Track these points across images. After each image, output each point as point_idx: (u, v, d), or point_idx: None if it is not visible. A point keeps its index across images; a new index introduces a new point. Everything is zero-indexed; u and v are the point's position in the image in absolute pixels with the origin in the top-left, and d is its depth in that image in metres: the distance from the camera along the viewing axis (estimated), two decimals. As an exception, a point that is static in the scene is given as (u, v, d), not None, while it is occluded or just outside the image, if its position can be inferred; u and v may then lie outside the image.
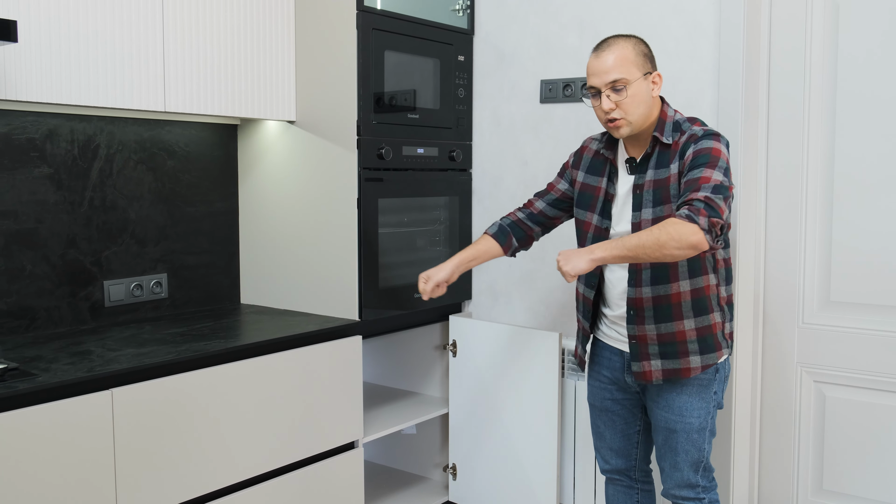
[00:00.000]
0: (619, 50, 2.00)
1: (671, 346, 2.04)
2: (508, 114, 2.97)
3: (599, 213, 2.13)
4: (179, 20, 2.36)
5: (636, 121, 2.01)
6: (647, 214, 2.01)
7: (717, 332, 2.06)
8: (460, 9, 2.99)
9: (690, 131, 2.01)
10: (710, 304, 2.05)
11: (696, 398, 2.07)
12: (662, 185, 2.00)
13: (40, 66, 2.06)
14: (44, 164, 2.37)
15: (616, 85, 1.99)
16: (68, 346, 2.19)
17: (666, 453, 2.12)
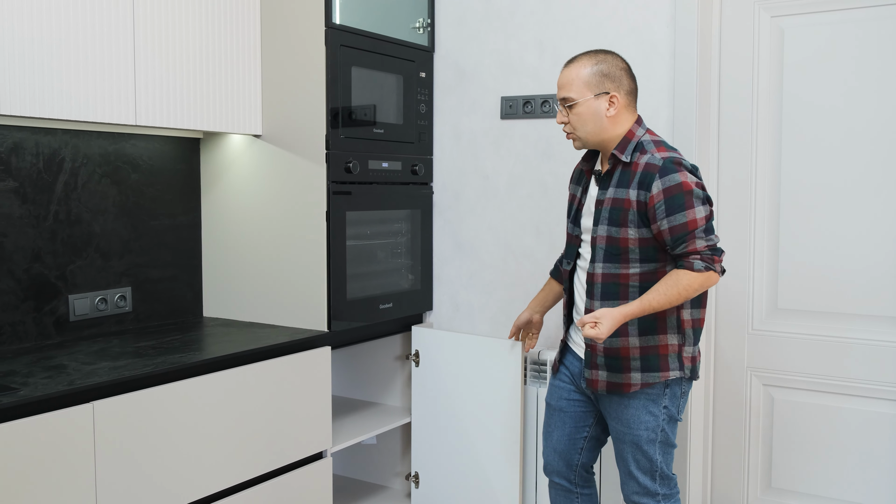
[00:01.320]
0: (576, 69, 2.11)
1: (615, 361, 2.12)
2: (469, 129, 3.06)
3: (573, 221, 2.25)
4: (150, 34, 2.37)
5: (584, 137, 2.13)
6: (601, 231, 2.10)
7: (667, 354, 2.10)
8: (421, 27, 3.06)
9: (650, 159, 2.03)
10: (663, 326, 2.09)
11: (642, 412, 2.12)
12: (620, 206, 2.06)
13: (13, 78, 2.04)
14: (9, 177, 2.34)
15: (566, 102, 2.13)
16: (39, 360, 2.17)
17: (620, 462, 2.20)
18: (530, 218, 2.93)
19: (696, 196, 2.00)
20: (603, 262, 2.10)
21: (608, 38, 2.74)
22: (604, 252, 2.09)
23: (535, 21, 2.89)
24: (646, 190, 2.01)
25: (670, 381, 2.12)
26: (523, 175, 2.94)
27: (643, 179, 2.02)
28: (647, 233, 2.04)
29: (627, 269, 2.07)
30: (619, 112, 2.10)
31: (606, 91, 2.09)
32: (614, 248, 2.07)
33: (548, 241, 2.90)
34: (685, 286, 1.99)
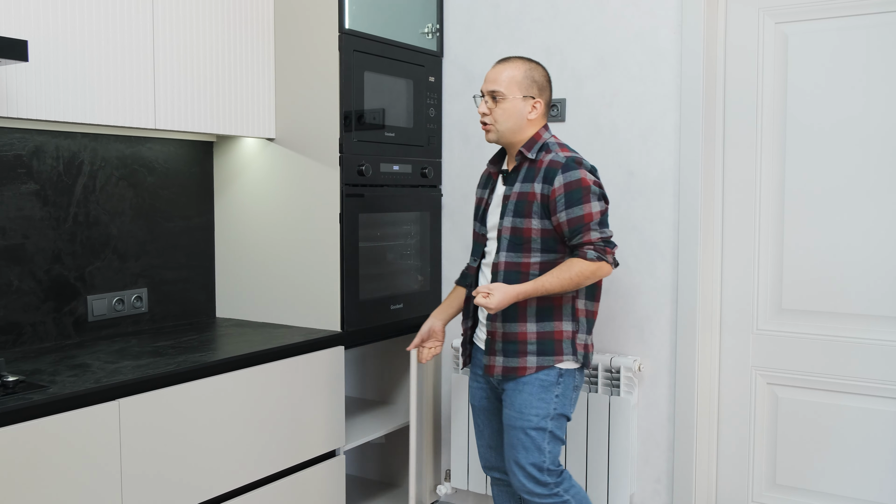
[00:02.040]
0: (511, 69, 2.26)
1: (512, 346, 2.24)
2: (477, 133, 3.11)
3: (479, 221, 2.38)
4: (168, 40, 2.42)
5: (502, 131, 2.27)
6: (507, 223, 2.24)
7: (561, 340, 2.25)
8: (430, 32, 3.12)
9: (555, 157, 2.22)
10: (559, 313, 2.25)
11: (535, 398, 2.23)
12: (525, 198, 2.22)
13: (41, 84, 2.09)
14: (31, 180, 2.39)
15: (494, 95, 2.25)
16: (62, 359, 2.21)
17: (509, 451, 2.27)
18: (538, 220, 2.98)
19: (593, 192, 2.19)
20: (507, 251, 2.24)
21: (615, 43, 2.80)
22: (508, 242, 2.24)
23: (542, 27, 2.95)
24: (549, 184, 2.19)
25: (564, 372, 2.25)
26: (531, 178, 2.99)
27: (547, 174, 2.19)
28: (549, 224, 2.21)
29: (529, 258, 2.22)
30: (537, 118, 2.28)
31: (533, 96, 2.27)
32: (518, 237, 2.22)
33: (556, 243, 2.95)
34: (577, 272, 2.16)
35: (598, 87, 2.85)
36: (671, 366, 2.76)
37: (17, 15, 2.02)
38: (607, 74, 2.83)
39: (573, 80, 2.89)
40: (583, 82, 2.87)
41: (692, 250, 2.69)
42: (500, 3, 3.03)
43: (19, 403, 1.75)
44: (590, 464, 2.78)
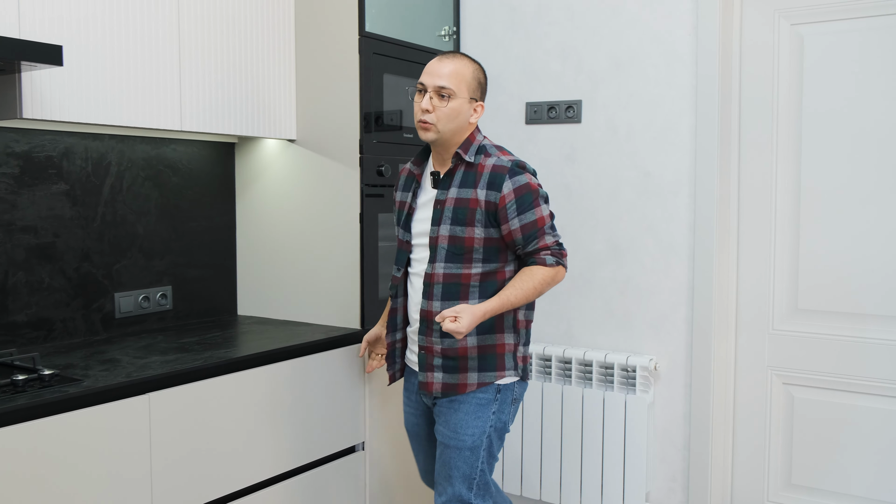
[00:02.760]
0: (459, 65, 2.09)
1: (453, 361, 2.09)
2: (494, 134, 3.15)
3: (403, 227, 2.21)
4: (193, 44, 2.48)
5: (444, 131, 2.08)
6: (444, 231, 2.08)
7: (503, 353, 2.11)
8: (447, 34, 3.16)
9: (498, 161, 2.07)
10: (500, 325, 2.10)
11: (471, 417, 2.10)
12: (465, 205, 2.06)
13: (73, 88, 2.15)
14: (61, 180, 2.45)
15: (442, 91, 2.07)
16: (93, 354, 2.27)
17: (441, 468, 2.15)
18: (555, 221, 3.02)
19: (541, 196, 2.08)
20: (445, 261, 2.08)
21: (631, 45, 2.83)
22: (445, 252, 2.08)
23: (559, 29, 2.99)
24: (496, 190, 2.04)
25: (502, 387, 2.12)
26: (547, 179, 3.03)
27: (493, 180, 2.05)
28: (494, 233, 2.07)
29: (469, 268, 2.07)
30: (475, 121, 2.15)
31: (476, 98, 2.13)
32: (457, 247, 2.07)
33: (571, 243, 2.99)
34: (539, 281, 2.05)
35: (614, 89, 2.88)
36: (687, 365, 2.79)
37: (49, 20, 2.08)
38: (623, 76, 2.86)
39: (589, 81, 2.93)
40: (599, 84, 2.91)
41: (708, 250, 2.72)
42: (517, 6, 3.07)
43: (55, 396, 1.81)
44: (606, 462, 2.82)
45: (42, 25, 2.07)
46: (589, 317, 2.97)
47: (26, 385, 1.85)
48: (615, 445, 2.80)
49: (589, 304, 2.97)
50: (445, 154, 2.14)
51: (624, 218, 2.88)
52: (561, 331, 3.03)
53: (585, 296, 2.97)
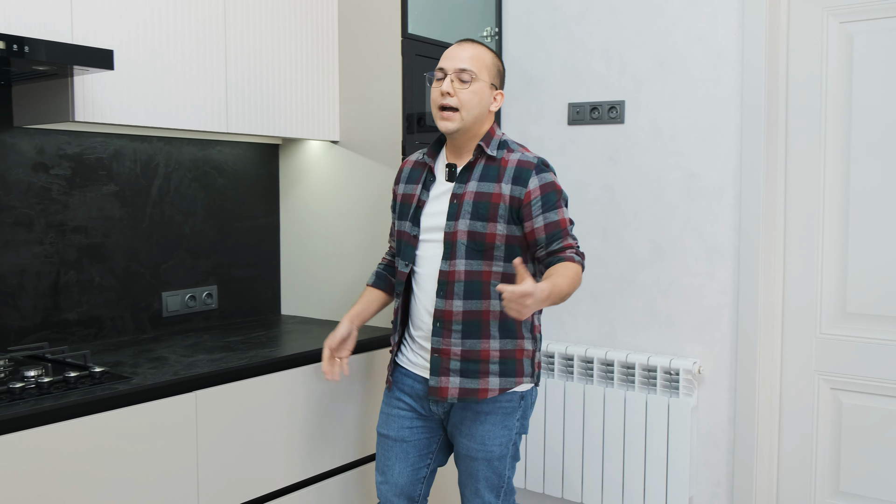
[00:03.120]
0: (480, 51, 2.02)
1: (473, 365, 2.00)
2: (536, 135, 3.15)
3: (411, 221, 2.08)
4: (239, 47, 2.51)
5: (468, 118, 1.98)
6: (462, 226, 1.98)
7: (522, 359, 2.04)
8: (489, 35, 3.16)
9: (523, 156, 2.00)
10: (520, 330, 2.03)
11: (498, 427, 2.04)
12: (486, 200, 1.97)
13: (124, 91, 2.20)
14: (111, 182, 2.51)
15: (463, 75, 1.97)
16: (141, 352, 2.32)
17: (467, 480, 2.09)
18: (596, 222, 3.01)
19: (564, 198, 2.02)
20: (465, 258, 1.98)
21: (675, 45, 2.81)
22: (465, 248, 1.98)
23: (602, 30, 2.97)
24: (521, 185, 1.96)
25: (525, 394, 2.06)
26: (590, 180, 3.02)
27: (518, 175, 1.97)
28: (516, 230, 1.98)
29: (490, 266, 1.98)
30: (494, 112, 2.07)
31: (496, 86, 2.05)
32: (478, 243, 1.97)
33: (614, 244, 2.97)
34: (575, 275, 1.92)
35: (658, 89, 2.86)
36: (732, 368, 2.76)
37: (101, 25, 2.13)
38: (667, 76, 2.84)
39: (633, 82, 2.91)
40: (642, 84, 2.89)
41: (753, 252, 2.68)
42: (559, 6, 3.06)
43: (106, 393, 1.85)
44: (648, 466, 2.79)
45: (94, 31, 2.11)
46: (631, 319, 2.94)
47: (78, 382, 1.90)
48: (658, 449, 2.77)
49: (632, 305, 2.94)
50: (464, 146, 2.05)
51: (667, 219, 2.85)
52: (603, 333, 3.01)
53: (628, 297, 2.95)
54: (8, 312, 2.27)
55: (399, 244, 2.13)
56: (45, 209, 2.35)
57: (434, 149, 2.13)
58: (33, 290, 2.32)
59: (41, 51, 1.82)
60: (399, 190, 2.17)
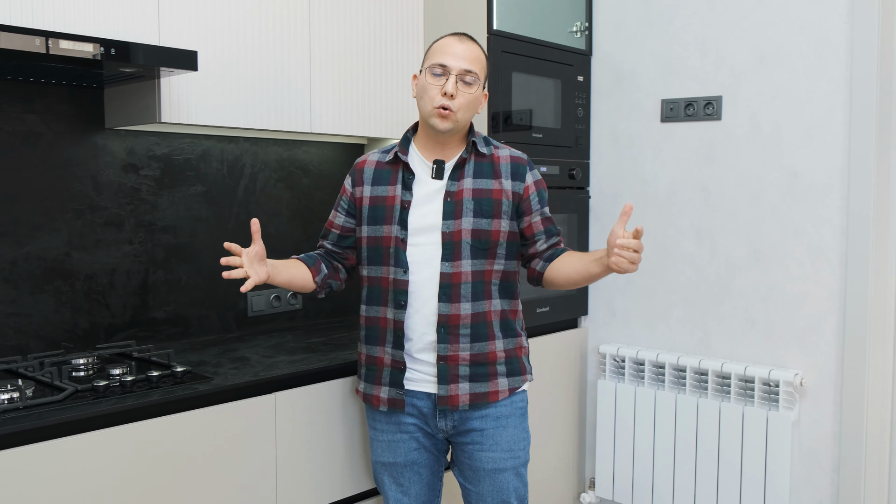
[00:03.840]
0: (480, 50, 1.95)
1: (482, 368, 1.93)
2: (627, 133, 3.03)
3: (399, 224, 1.93)
4: (323, 48, 2.50)
5: (461, 121, 1.92)
6: (466, 224, 1.90)
7: (521, 357, 2.02)
8: (578, 31, 3.06)
9: (512, 152, 2.00)
10: (516, 326, 2.01)
11: (520, 430, 1.99)
12: (488, 196, 1.93)
13: (209, 92, 2.21)
14: (198, 182, 2.54)
15: (468, 77, 1.90)
16: (225, 352, 2.34)
17: (492, 496, 1.97)
18: (691, 223, 2.87)
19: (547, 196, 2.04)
20: (471, 258, 1.91)
21: (778, 36, 2.64)
22: (470, 247, 1.91)
23: (697, 21, 2.83)
24: (520, 181, 1.96)
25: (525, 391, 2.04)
26: (684, 179, 2.88)
27: (515, 171, 1.97)
28: (516, 226, 1.97)
29: (492, 265, 1.94)
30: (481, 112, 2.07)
31: (484, 87, 1.99)
32: (482, 241, 1.91)
33: (709, 247, 2.82)
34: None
35: (759, 84, 2.70)
36: (837, 381, 2.57)
37: (187, 27, 2.15)
38: (768, 70, 2.67)
39: (731, 76, 2.76)
40: (741, 79, 2.73)
41: (863, 256, 2.50)
42: (653, -1, 2.94)
43: (187, 393, 1.86)
44: (744, 483, 2.64)
45: (180, 34, 2.14)
46: (727, 326, 2.79)
47: (160, 381, 1.92)
48: (755, 465, 2.62)
49: (728, 312, 2.79)
50: (448, 142, 1.96)
51: (767, 221, 2.69)
52: (696, 340, 2.86)
53: (724, 303, 2.80)
54: (99, 310, 2.32)
55: (375, 251, 1.96)
56: (135, 209, 2.39)
57: (405, 146, 1.99)
58: (123, 288, 2.37)
59: (126, 53, 1.84)
60: (363, 192, 1.99)
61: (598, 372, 3.11)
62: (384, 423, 2.01)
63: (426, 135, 1.97)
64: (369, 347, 2.00)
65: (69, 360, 2.06)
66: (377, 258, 1.96)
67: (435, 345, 1.92)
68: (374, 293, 1.98)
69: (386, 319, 1.95)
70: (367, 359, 2.01)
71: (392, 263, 1.93)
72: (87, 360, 2.07)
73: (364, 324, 2.02)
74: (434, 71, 1.90)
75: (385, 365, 1.97)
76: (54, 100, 2.21)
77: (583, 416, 3.17)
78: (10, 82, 2.12)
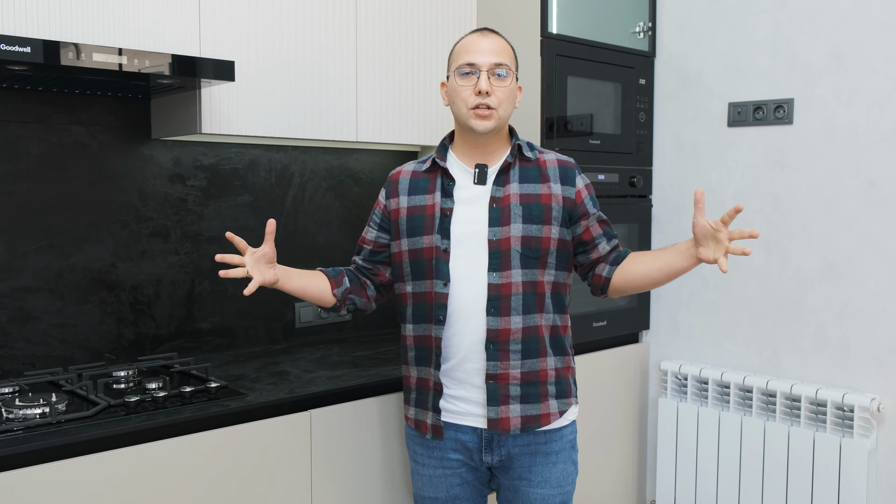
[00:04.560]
0: (505, 42, 1.86)
1: (533, 388, 1.80)
2: (692, 138, 2.87)
3: (440, 233, 1.81)
4: (370, 56, 2.44)
5: (504, 116, 1.81)
6: (515, 231, 1.78)
7: (569, 377, 1.89)
8: (641, 31, 2.92)
9: (558, 156, 1.90)
10: (565, 343, 1.89)
11: (569, 464, 1.87)
12: (537, 201, 1.81)
13: (251, 102, 2.18)
14: (245, 192, 2.52)
15: (499, 70, 1.79)
16: (267, 365, 2.30)
17: None
18: (760, 234, 2.69)
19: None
20: (521, 267, 1.78)
21: (855, 33, 2.45)
22: (520, 256, 1.78)
23: (768, 19, 2.65)
24: (570, 185, 1.85)
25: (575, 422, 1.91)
26: (752, 188, 2.71)
27: (565, 175, 1.86)
28: (567, 234, 1.85)
29: (544, 275, 1.81)
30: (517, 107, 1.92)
31: (517, 78, 1.88)
32: (533, 249, 1.79)
33: (779, 260, 2.64)
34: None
35: (834, 85, 2.51)
36: (920, 406, 2.37)
37: (228, 38, 2.13)
38: (844, 70, 2.48)
39: (804, 77, 2.58)
40: (815, 80, 2.55)
41: (950, 273, 2.29)
42: (720, -4, 2.77)
43: (219, 410, 1.82)
44: (816, 511, 2.46)
45: (221, 44, 2.11)
46: (798, 345, 2.61)
47: (193, 397, 1.89)
48: (827, 496, 2.43)
49: (798, 330, 2.60)
50: (489, 146, 1.84)
51: (843, 232, 2.50)
52: (764, 359, 2.69)
53: (794, 320, 2.62)
54: (144, 321, 2.32)
55: (416, 265, 1.84)
56: (181, 220, 2.38)
57: (443, 153, 1.90)
58: (168, 299, 2.37)
59: (155, 64, 1.82)
60: (400, 203, 1.89)
61: (659, 390, 2.96)
62: (426, 456, 1.89)
63: (465, 141, 1.86)
64: (420, 369, 1.88)
65: (109, 373, 2.06)
66: (419, 272, 1.85)
67: (483, 364, 1.79)
68: (419, 310, 1.86)
69: (430, 338, 1.83)
70: (418, 381, 1.89)
71: (434, 276, 1.81)
72: (128, 373, 2.07)
73: (412, 344, 1.89)
74: (462, 71, 1.80)
75: (430, 388, 1.85)
76: (101, 111, 2.22)
77: (643, 435, 3.03)
78: (57, 94, 2.14)
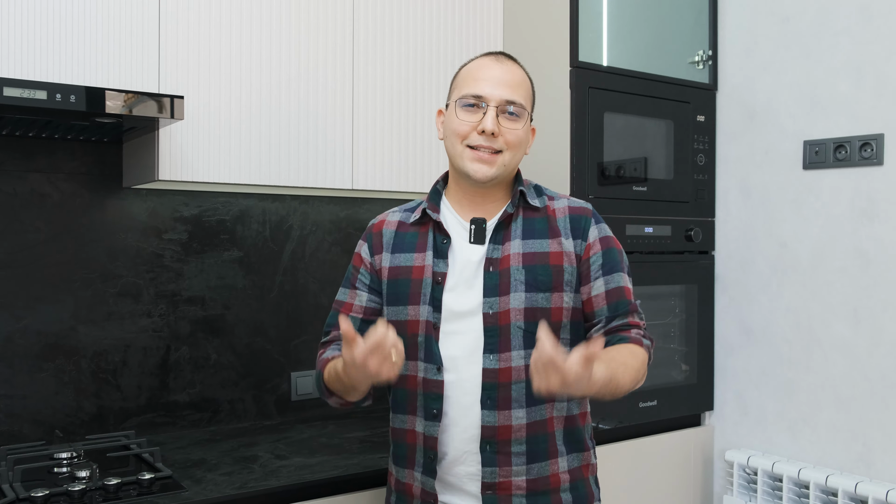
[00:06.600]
0: (524, 73, 1.51)
1: (542, 498, 1.43)
2: (761, 183, 2.43)
3: (430, 304, 1.45)
4: (368, 101, 2.15)
5: (509, 165, 1.48)
6: (516, 302, 1.42)
7: (589, 477, 1.51)
8: (700, 61, 2.53)
9: (571, 202, 1.52)
10: (583, 439, 1.50)
11: None
12: (544, 262, 1.45)
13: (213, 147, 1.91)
14: (233, 247, 2.24)
15: (511, 107, 1.45)
16: (239, 447, 1.98)
17: None
18: (844, 298, 2.21)
19: (625, 260, 1.52)
20: (523, 348, 1.41)
21: (960, 52, 1.98)
22: (522, 333, 1.42)
23: (848, 40, 2.22)
24: (581, 238, 1.48)
25: None
26: (834, 242, 2.24)
27: (576, 225, 1.49)
28: (579, 300, 1.48)
29: None
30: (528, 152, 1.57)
31: (531, 119, 1.53)
32: (538, 325, 1.29)
33: (870, 331, 2.15)
34: (641, 363, 1.41)
35: (934, 116, 2.04)
36: None
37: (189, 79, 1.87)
38: (948, 96, 2.01)
39: (894, 107, 2.12)
40: (910, 110, 2.09)
41: None
42: (791, 15, 2.35)
43: (139, 511, 1.51)
44: None
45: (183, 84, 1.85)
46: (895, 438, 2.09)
47: (120, 492, 1.58)
48: None
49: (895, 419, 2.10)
50: (489, 195, 1.51)
51: None
52: (853, 455, 2.18)
53: (892, 407, 2.11)
54: (108, 392, 2.05)
55: (417, 336, 1.48)
56: (156, 277, 2.12)
57: (435, 202, 1.54)
58: (138, 367, 2.09)
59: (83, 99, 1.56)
60: (382, 262, 1.54)
61: (724, 484, 2.47)
62: None
63: (459, 187, 1.52)
64: (398, 470, 1.53)
65: (49, 454, 1.78)
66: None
67: (478, 469, 1.44)
68: (399, 398, 1.53)
69: (415, 434, 1.48)
70: (397, 484, 1.54)
71: (421, 358, 1.46)
72: (70, 454, 1.78)
73: (391, 438, 1.56)
74: (466, 102, 1.46)
75: (415, 496, 1.49)
76: (63, 157, 1.99)
77: (707, 536, 2.53)
78: (9, 138, 1.92)
